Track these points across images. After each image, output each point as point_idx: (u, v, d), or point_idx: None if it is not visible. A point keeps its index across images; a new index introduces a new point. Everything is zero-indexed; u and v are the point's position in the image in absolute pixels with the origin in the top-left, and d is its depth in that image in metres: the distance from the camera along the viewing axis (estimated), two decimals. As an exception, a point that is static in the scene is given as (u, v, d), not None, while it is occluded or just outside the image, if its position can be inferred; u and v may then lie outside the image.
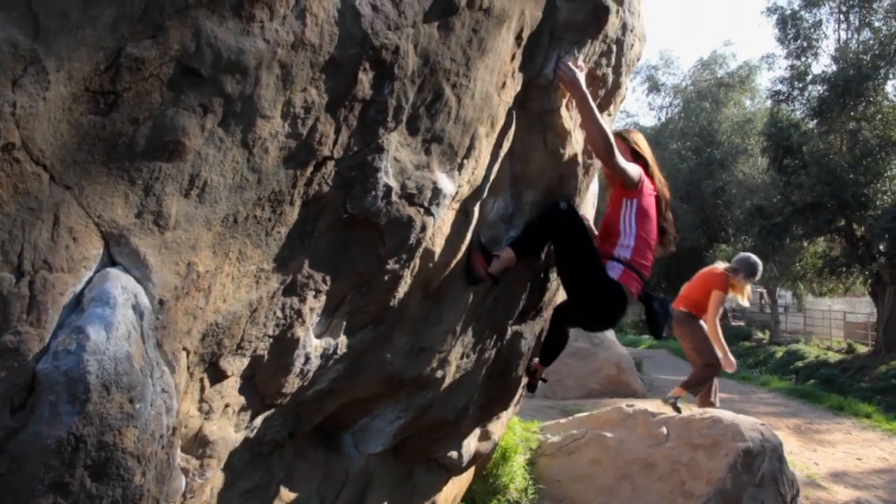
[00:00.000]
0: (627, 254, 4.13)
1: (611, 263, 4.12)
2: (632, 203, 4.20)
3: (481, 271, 3.89)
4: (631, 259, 4.13)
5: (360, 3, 2.52)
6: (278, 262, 2.75)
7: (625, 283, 4.10)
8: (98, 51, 1.98)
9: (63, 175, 2.01)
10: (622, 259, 4.12)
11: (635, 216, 4.17)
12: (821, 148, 25.22)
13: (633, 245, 4.14)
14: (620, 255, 4.12)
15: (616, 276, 4.10)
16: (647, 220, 4.22)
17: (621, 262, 4.11)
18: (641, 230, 4.18)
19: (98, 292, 2.14)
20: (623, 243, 4.14)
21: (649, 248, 4.24)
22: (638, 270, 4.16)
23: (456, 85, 3.05)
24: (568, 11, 3.79)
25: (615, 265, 4.12)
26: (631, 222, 4.17)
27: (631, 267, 4.13)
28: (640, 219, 4.18)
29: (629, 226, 4.16)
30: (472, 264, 3.89)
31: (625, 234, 4.15)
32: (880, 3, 27.18)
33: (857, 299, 37.67)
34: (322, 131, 2.60)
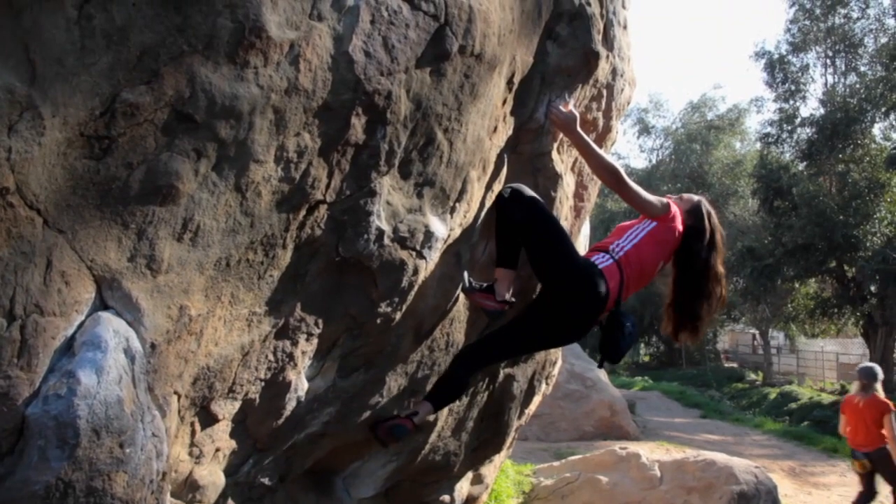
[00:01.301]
0: (620, 253, 3.85)
1: (601, 255, 3.85)
2: (650, 222, 3.96)
3: (493, 304, 3.78)
4: (622, 258, 3.84)
5: (353, 50, 2.55)
6: (270, 306, 2.75)
7: (606, 274, 3.75)
8: (93, 96, 2.01)
9: (57, 219, 2.02)
10: (614, 255, 3.84)
11: (646, 232, 3.93)
12: (810, 190, 25.40)
13: (627, 249, 3.87)
14: (614, 250, 3.86)
15: (603, 265, 3.78)
16: (652, 246, 3.94)
17: (612, 257, 3.82)
18: (641, 247, 3.90)
19: (90, 336, 2.14)
20: (620, 244, 3.89)
21: (640, 270, 3.93)
22: (623, 274, 3.83)
23: (448, 129, 3.09)
24: (558, 57, 3.84)
25: (605, 256, 3.83)
26: (638, 234, 3.93)
27: (619, 266, 3.81)
28: (647, 237, 3.92)
29: (635, 236, 3.92)
30: (483, 305, 3.80)
31: (627, 239, 3.91)
32: (865, 48, 27.60)
33: (849, 340, 37.66)
34: (315, 175, 2.62)
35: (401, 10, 2.71)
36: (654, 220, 3.95)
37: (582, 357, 17.09)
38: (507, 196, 3.75)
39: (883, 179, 24.62)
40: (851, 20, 27.78)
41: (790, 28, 28.70)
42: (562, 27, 3.83)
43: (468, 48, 2.97)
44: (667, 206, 3.95)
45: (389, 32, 2.66)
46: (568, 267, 3.75)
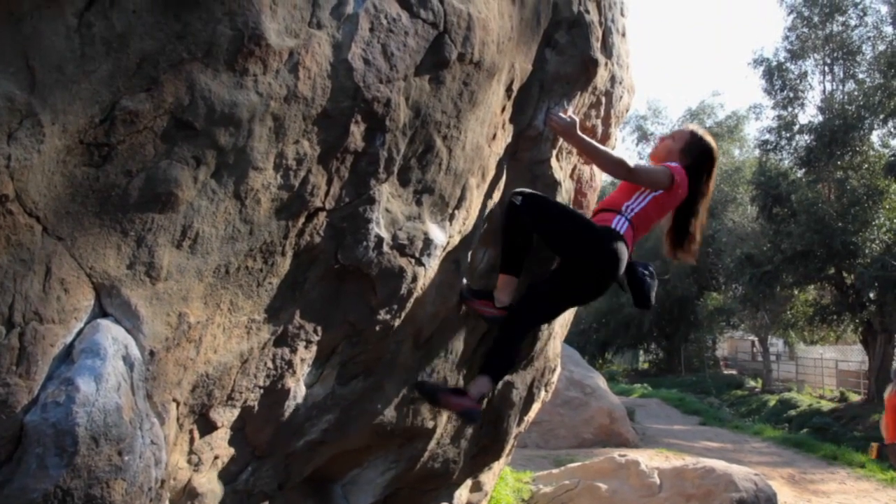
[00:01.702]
0: (631, 214, 3.99)
1: (619, 217, 3.97)
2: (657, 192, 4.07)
3: (493, 311, 3.86)
4: (633, 219, 3.98)
5: (352, 57, 2.56)
6: (269, 313, 2.75)
7: (626, 237, 3.93)
8: (93, 104, 2.01)
9: (56, 226, 2.02)
10: (627, 216, 3.98)
11: (650, 198, 4.03)
12: (809, 197, 25.42)
13: (636, 212, 4.00)
14: (626, 212, 3.99)
15: (622, 229, 3.93)
16: (655, 209, 4.08)
17: (626, 218, 3.97)
18: (647, 212, 4.04)
19: (88, 343, 2.13)
20: (630, 206, 4.00)
21: (643, 229, 4.09)
22: (635, 233, 4.02)
23: (447, 137, 3.09)
24: (557, 64, 3.85)
25: (620, 219, 3.96)
26: (644, 199, 4.02)
27: (632, 225, 3.98)
28: (653, 202, 4.04)
29: (641, 199, 4.02)
30: (482, 312, 3.86)
31: (634, 201, 4.02)
32: (863, 55, 27.66)
33: (848, 347, 37.63)
34: (314, 183, 2.62)
35: (400, 18, 2.71)
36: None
37: (581, 364, 17.09)
38: (517, 203, 3.83)
39: (881, 186, 24.64)
40: (849, 28, 27.83)
41: (788, 35, 28.75)
42: (560, 35, 3.84)
43: (467, 56, 2.98)
44: (672, 178, 4.02)
45: (388, 40, 2.67)
46: (590, 237, 3.89)
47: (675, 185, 4.03)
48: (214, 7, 2.18)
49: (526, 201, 3.84)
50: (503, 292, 3.87)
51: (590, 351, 38.03)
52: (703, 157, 4.24)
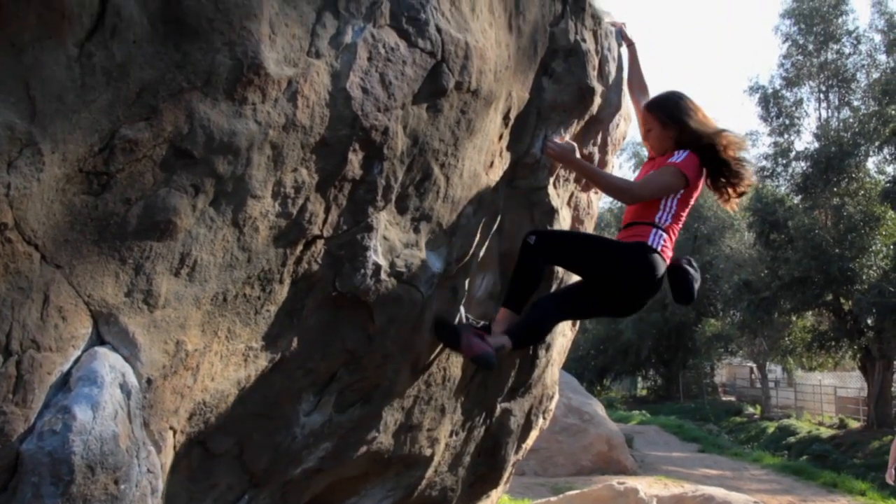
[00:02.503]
0: (666, 224, 3.92)
1: (655, 230, 3.88)
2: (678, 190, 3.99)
3: (488, 349, 3.60)
4: (668, 228, 3.92)
5: (350, 86, 2.58)
6: (267, 341, 2.75)
7: (664, 252, 3.87)
8: (93, 133, 2.02)
9: (54, 254, 2.03)
10: (662, 227, 3.90)
11: (677, 201, 3.96)
12: (806, 223, 25.51)
13: (669, 222, 3.93)
14: (660, 223, 3.91)
15: (660, 244, 3.86)
16: (684, 209, 4.01)
17: (662, 230, 3.90)
18: (677, 217, 3.97)
19: (86, 371, 2.13)
20: (662, 217, 3.91)
21: (675, 235, 4.02)
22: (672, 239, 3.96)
23: (444, 164, 3.11)
24: (554, 92, 3.88)
25: (659, 232, 3.89)
26: (672, 204, 3.95)
27: (669, 234, 3.92)
28: (680, 204, 3.97)
29: (669, 206, 3.94)
30: (477, 350, 3.59)
31: (663, 211, 3.92)
32: (858, 83, 27.88)
33: (847, 374, 37.58)
34: (312, 210, 2.63)
35: (398, 47, 2.74)
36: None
37: (579, 391, 17.04)
38: (531, 242, 3.77)
39: (878, 213, 24.76)
40: (844, 56, 28.12)
41: (784, 63, 29.03)
42: (557, 63, 3.87)
43: (464, 84, 3.00)
44: (683, 175, 3.91)
45: (387, 69, 2.69)
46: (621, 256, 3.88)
47: (690, 177, 3.93)
48: (214, 37, 2.20)
49: (541, 240, 3.80)
50: (500, 326, 3.78)
51: (588, 377, 37.94)
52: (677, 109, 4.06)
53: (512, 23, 3.38)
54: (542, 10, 3.64)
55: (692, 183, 3.94)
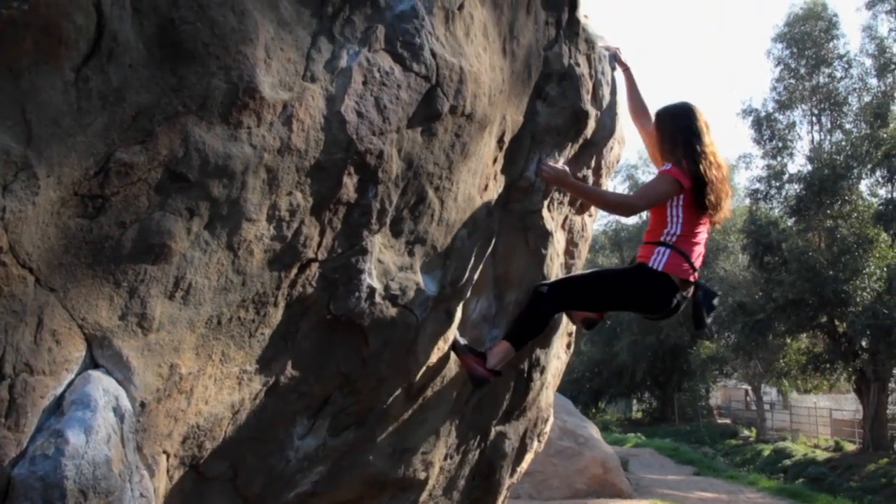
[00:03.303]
0: (674, 238, 4.00)
1: (659, 249, 3.99)
2: (678, 197, 4.04)
3: (482, 371, 3.79)
4: (677, 242, 3.99)
5: (345, 110, 2.59)
6: (261, 364, 2.75)
7: (671, 270, 3.95)
8: (88, 156, 2.03)
9: (49, 278, 2.03)
10: (669, 243, 3.99)
11: (682, 208, 4.02)
12: (800, 245, 25.58)
13: (679, 233, 4.00)
14: (667, 239, 4.00)
15: (662, 262, 3.95)
16: (693, 214, 4.05)
17: (668, 246, 3.98)
18: (688, 222, 4.03)
19: (79, 395, 2.13)
20: (670, 231, 4.01)
21: (695, 240, 4.09)
22: (685, 254, 4.00)
23: (439, 188, 3.12)
24: (548, 116, 3.90)
25: (663, 250, 3.98)
26: (678, 213, 4.02)
27: (678, 250, 3.98)
28: (686, 210, 4.02)
29: (676, 216, 4.02)
30: (471, 368, 3.80)
31: (671, 224, 4.02)
32: (850, 106, 28.07)
33: (842, 396, 37.53)
34: (307, 234, 2.64)
35: (393, 72, 2.76)
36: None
37: (574, 413, 16.98)
38: (543, 291, 3.98)
39: (871, 235, 24.84)
40: (835, 79, 28.32)
41: (776, 86, 29.22)
42: (551, 87, 3.90)
43: (459, 108, 3.02)
44: (675, 181, 3.97)
45: (381, 93, 2.71)
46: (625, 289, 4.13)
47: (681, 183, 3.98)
48: (210, 61, 2.21)
49: (551, 290, 4.00)
50: (496, 357, 3.84)
51: (583, 400, 37.84)
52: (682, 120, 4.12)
53: (506, 47, 3.41)
54: (535, 35, 3.67)
55: (686, 188, 3.97)
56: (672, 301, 3.99)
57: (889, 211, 23.59)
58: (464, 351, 3.79)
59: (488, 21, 3.25)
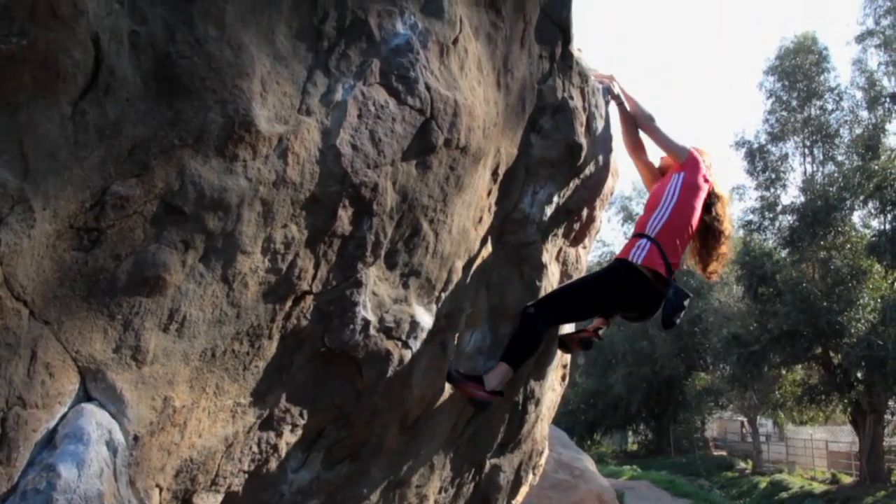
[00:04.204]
0: (658, 228, 4.06)
1: (640, 242, 4.06)
2: (679, 175, 4.23)
3: (482, 394, 3.79)
4: (659, 234, 4.05)
5: (340, 143, 2.61)
6: (255, 396, 2.74)
7: (648, 264, 4.00)
8: (84, 189, 2.04)
9: (43, 310, 2.03)
10: (651, 235, 4.05)
11: (680, 188, 4.16)
12: (794, 276, 25.65)
13: (666, 219, 4.08)
14: (650, 230, 4.06)
15: (641, 256, 4.01)
16: (689, 199, 4.18)
17: (649, 239, 4.04)
18: (680, 207, 4.13)
19: (72, 428, 2.11)
20: (658, 215, 4.09)
21: (680, 232, 4.14)
22: (663, 249, 4.03)
23: (433, 220, 3.13)
24: (542, 148, 3.92)
25: (644, 242, 4.04)
26: (674, 193, 4.15)
27: (657, 244, 4.03)
28: (683, 192, 4.16)
29: (671, 196, 4.14)
30: (470, 394, 3.80)
31: (664, 204, 4.12)
32: (841, 138, 28.29)
33: (838, 428, 37.42)
34: (301, 266, 2.64)
35: (387, 105, 2.78)
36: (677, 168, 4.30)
37: (570, 446, 16.89)
38: (530, 312, 4.00)
39: (864, 266, 24.93)
40: (827, 112, 28.58)
41: (768, 118, 29.47)
42: (545, 120, 3.92)
43: (453, 141, 3.04)
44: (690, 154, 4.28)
45: (376, 126, 2.73)
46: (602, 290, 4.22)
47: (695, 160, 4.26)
48: (206, 95, 2.23)
49: (539, 308, 4.02)
50: (495, 378, 3.85)
51: (578, 432, 37.66)
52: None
53: (500, 80, 3.44)
54: (529, 68, 3.70)
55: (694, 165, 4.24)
56: (650, 296, 4.07)
57: (882, 242, 23.69)
58: (460, 380, 3.79)
59: (483, 55, 3.28)
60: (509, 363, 3.92)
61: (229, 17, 2.31)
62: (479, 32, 3.26)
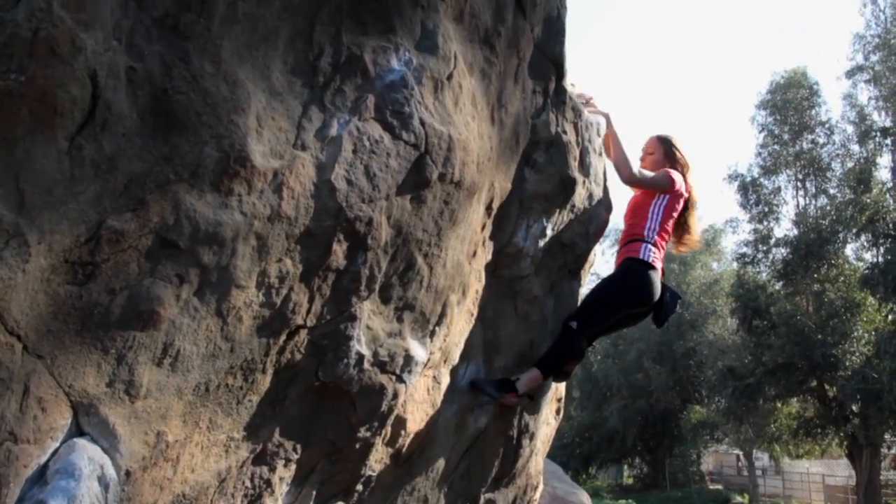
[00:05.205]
0: (654, 237, 4.41)
1: (646, 246, 4.38)
2: (663, 197, 4.52)
3: (513, 399, 4.08)
4: (657, 242, 4.42)
5: (335, 178, 2.62)
6: (249, 431, 2.72)
7: (655, 263, 4.37)
8: (80, 224, 2.05)
9: (36, 345, 2.02)
10: (652, 240, 4.39)
11: (664, 209, 4.48)
12: (788, 309, 25.65)
13: (656, 229, 4.42)
14: (649, 236, 4.40)
15: (649, 255, 4.36)
16: (670, 217, 4.52)
17: (650, 243, 4.38)
18: (665, 222, 4.49)
19: (63, 464, 2.10)
20: (650, 226, 4.42)
21: (665, 241, 4.54)
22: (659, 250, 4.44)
23: (428, 254, 3.14)
24: (536, 183, 3.94)
25: (647, 245, 4.37)
26: (659, 212, 4.46)
27: (656, 246, 4.41)
28: (666, 212, 4.49)
29: (656, 214, 4.46)
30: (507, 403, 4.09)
31: (651, 219, 4.44)
32: (833, 171, 28.45)
33: (834, 461, 37.23)
34: (296, 300, 2.65)
35: (382, 140, 2.80)
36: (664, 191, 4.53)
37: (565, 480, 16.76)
38: (573, 327, 4.25)
39: (858, 299, 24.93)
40: (818, 145, 28.73)
41: (761, 152, 29.60)
42: (539, 154, 3.95)
43: (448, 176, 3.05)
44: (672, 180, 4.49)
45: (371, 161, 2.74)
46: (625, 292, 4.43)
47: (677, 186, 4.51)
48: (202, 130, 2.25)
49: (581, 324, 4.27)
50: (527, 383, 4.09)
51: (573, 466, 37.38)
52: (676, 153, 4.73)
53: (494, 115, 3.47)
54: (523, 103, 3.74)
55: (676, 191, 4.49)
56: (656, 292, 4.38)
57: (875, 275, 23.72)
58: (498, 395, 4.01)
59: (477, 90, 3.31)
60: (542, 369, 4.17)
61: (225, 53, 2.34)
62: (473, 68, 3.30)
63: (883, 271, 22.81)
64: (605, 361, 38.48)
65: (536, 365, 4.19)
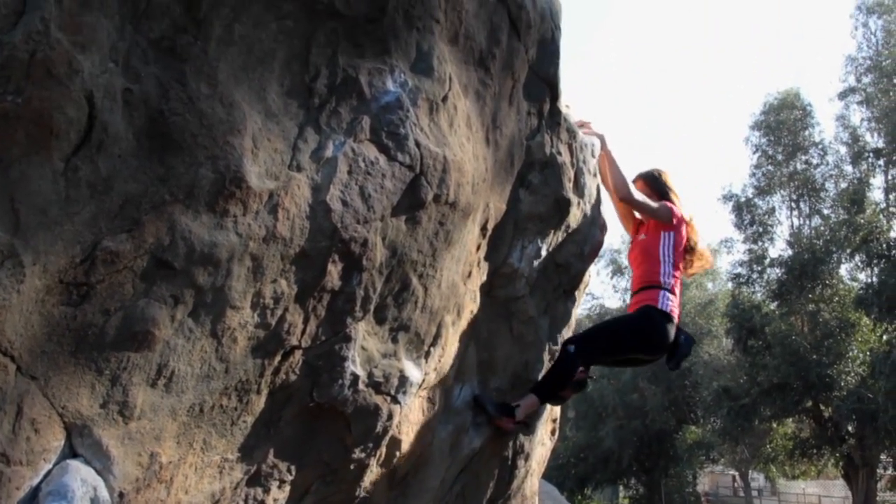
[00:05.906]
0: (671, 281, 4.40)
1: (661, 292, 4.37)
2: (669, 235, 4.54)
3: (510, 425, 4.12)
4: (672, 287, 4.42)
5: (330, 199, 2.63)
6: (243, 452, 2.71)
7: (673, 312, 4.37)
8: (75, 244, 2.05)
9: (30, 365, 2.02)
10: (668, 286, 4.38)
11: (672, 249, 4.49)
12: (783, 329, 25.65)
13: (671, 272, 4.43)
14: (666, 282, 4.39)
15: (667, 304, 4.35)
16: (680, 256, 4.53)
17: (667, 290, 4.37)
18: (677, 263, 4.50)
19: (56, 486, 2.09)
20: (665, 271, 4.42)
21: (678, 280, 4.53)
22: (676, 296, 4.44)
23: (423, 275, 3.14)
24: (531, 203, 3.96)
25: (664, 293, 4.36)
26: (669, 253, 4.47)
27: (673, 293, 4.41)
28: (676, 251, 4.50)
29: (667, 256, 4.47)
30: (504, 427, 4.11)
31: (664, 263, 4.44)
32: (826, 192, 28.57)
33: (830, 482, 37.14)
34: (291, 321, 2.65)
35: (377, 161, 2.81)
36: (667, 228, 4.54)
37: (560, 501, 16.66)
38: (570, 352, 4.25)
39: (853, 319, 24.96)
40: (812, 166, 28.86)
41: (755, 172, 29.73)
42: (534, 175, 3.97)
43: (443, 197, 3.06)
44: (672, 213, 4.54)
45: (366, 182, 2.75)
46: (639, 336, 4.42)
47: (676, 220, 4.55)
48: (197, 151, 2.26)
49: (579, 348, 4.25)
50: (525, 412, 4.12)
51: (568, 486, 37.17)
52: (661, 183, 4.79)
53: (489, 136, 3.48)
54: (518, 125, 3.76)
55: (678, 224, 4.51)
56: (670, 339, 4.37)
57: (869, 295, 23.75)
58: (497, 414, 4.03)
59: (472, 112, 3.33)
60: (538, 395, 4.19)
61: (222, 74, 2.35)
62: (468, 90, 3.31)
63: (877, 291, 22.85)
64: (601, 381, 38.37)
65: (533, 390, 4.21)
